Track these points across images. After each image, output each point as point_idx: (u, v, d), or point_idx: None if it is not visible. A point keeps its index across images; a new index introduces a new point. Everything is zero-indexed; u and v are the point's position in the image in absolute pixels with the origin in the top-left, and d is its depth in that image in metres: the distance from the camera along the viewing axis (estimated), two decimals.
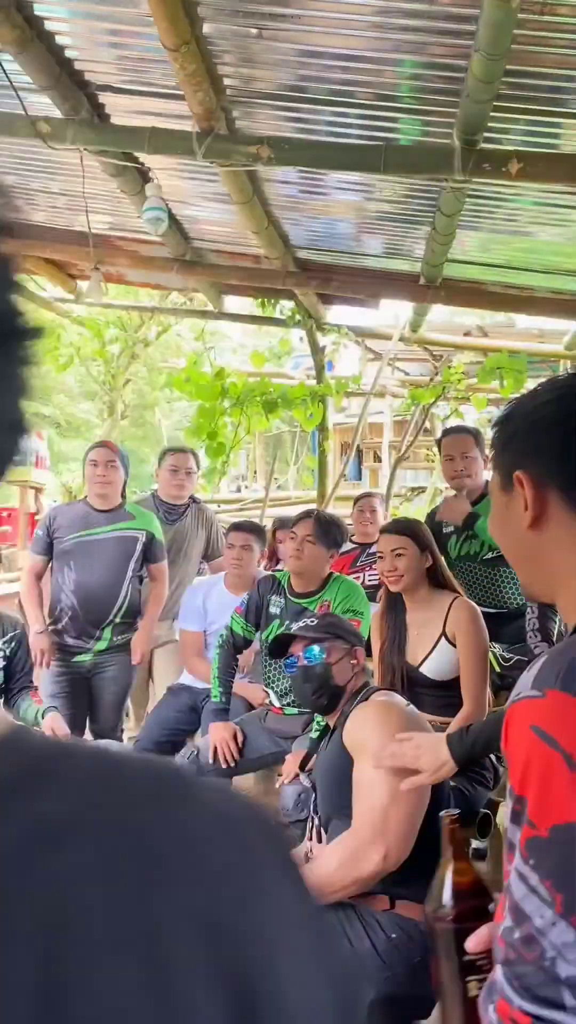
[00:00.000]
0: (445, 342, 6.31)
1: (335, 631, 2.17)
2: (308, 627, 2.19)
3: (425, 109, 2.92)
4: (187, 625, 3.73)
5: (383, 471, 11.18)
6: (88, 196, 4.05)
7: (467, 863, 1.13)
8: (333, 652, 2.11)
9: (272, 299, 5.72)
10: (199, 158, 3.03)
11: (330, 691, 2.09)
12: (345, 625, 2.22)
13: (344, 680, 2.09)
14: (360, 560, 4.64)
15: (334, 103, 2.97)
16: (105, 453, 3.68)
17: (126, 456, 3.79)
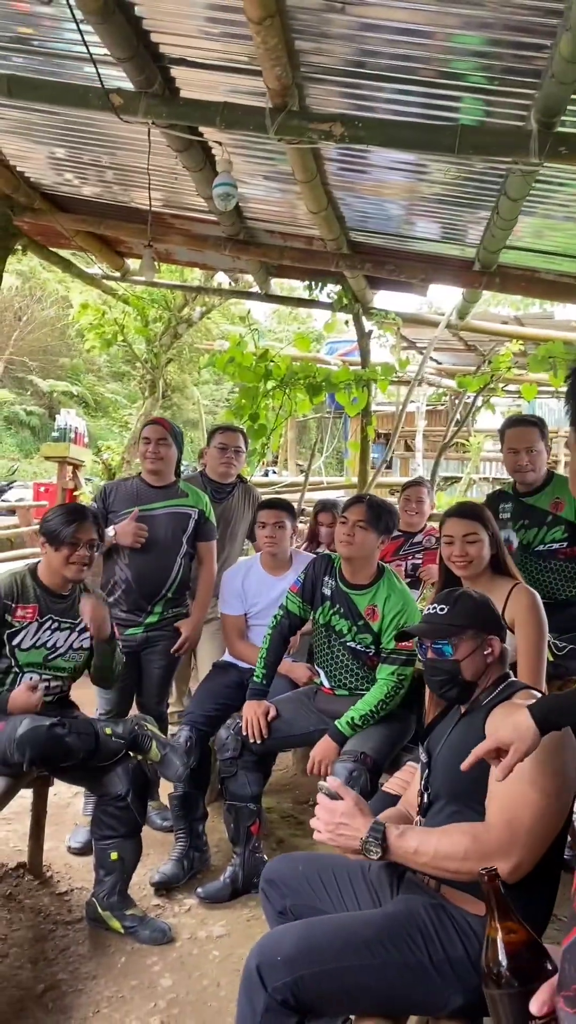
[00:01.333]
0: (496, 330, 6.26)
1: (467, 620, 2.01)
2: (437, 616, 2.05)
3: (499, 90, 2.88)
4: (228, 609, 3.75)
5: (415, 460, 11.15)
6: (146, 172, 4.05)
7: (516, 921, 1.08)
8: (463, 646, 1.98)
9: (320, 282, 5.70)
10: (271, 134, 3.02)
11: (460, 685, 1.98)
12: (480, 610, 2.05)
13: (476, 674, 1.98)
14: (404, 549, 4.63)
15: (408, 81, 2.94)
16: (158, 430, 3.70)
17: (180, 434, 3.81)
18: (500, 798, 1.72)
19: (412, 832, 1.75)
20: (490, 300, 10.92)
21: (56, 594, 3.03)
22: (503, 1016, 1.04)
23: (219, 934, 2.94)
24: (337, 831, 1.76)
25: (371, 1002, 1.75)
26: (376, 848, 1.72)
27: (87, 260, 6.77)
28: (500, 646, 2.01)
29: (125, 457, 7.75)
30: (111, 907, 2.88)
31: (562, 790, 1.69)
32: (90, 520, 3.00)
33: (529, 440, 3.48)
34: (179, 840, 3.34)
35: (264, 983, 1.69)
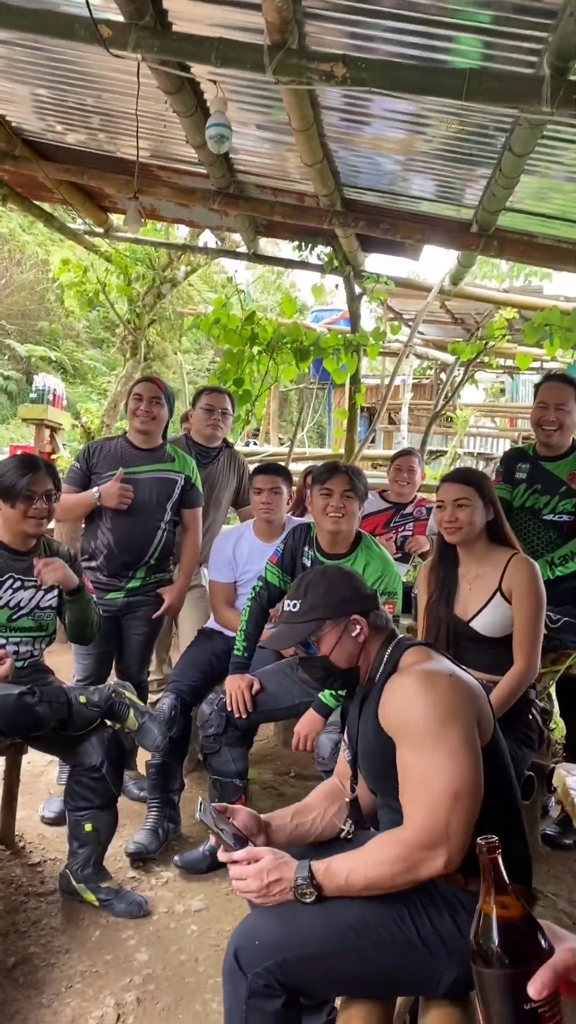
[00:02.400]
0: (493, 298, 6.12)
1: (322, 611, 1.86)
2: (291, 615, 1.91)
3: (510, 31, 2.72)
4: (217, 576, 3.63)
5: (399, 433, 11.04)
6: (134, 118, 3.87)
7: (510, 895, 0.98)
8: (325, 640, 1.86)
9: (310, 243, 5.53)
10: (269, 74, 2.84)
11: (339, 675, 1.88)
12: (330, 594, 1.88)
13: (350, 660, 1.86)
14: (394, 520, 4.52)
15: (414, 19, 2.77)
16: (151, 388, 3.54)
17: (172, 395, 3.65)
18: (409, 792, 1.62)
19: (336, 863, 1.63)
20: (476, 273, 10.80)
21: (16, 551, 2.89)
22: (491, 997, 0.95)
23: (197, 908, 2.85)
24: (270, 892, 1.63)
25: (361, 985, 1.66)
26: (309, 888, 1.60)
27: (70, 216, 6.56)
28: (366, 621, 1.87)
29: (105, 421, 7.55)
30: (85, 879, 2.78)
31: (471, 761, 1.59)
32: (43, 470, 2.86)
33: (561, 397, 3.37)
34: (152, 809, 3.25)
35: (243, 969, 1.60)
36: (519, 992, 0.93)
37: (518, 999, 0.93)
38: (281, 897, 1.63)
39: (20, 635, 2.90)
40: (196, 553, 3.72)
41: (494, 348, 5.90)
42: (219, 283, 15.67)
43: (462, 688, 1.69)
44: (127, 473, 3.46)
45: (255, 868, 1.64)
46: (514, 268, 10.11)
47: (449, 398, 6.63)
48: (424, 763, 1.60)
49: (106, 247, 7.01)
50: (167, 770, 3.27)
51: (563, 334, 4.75)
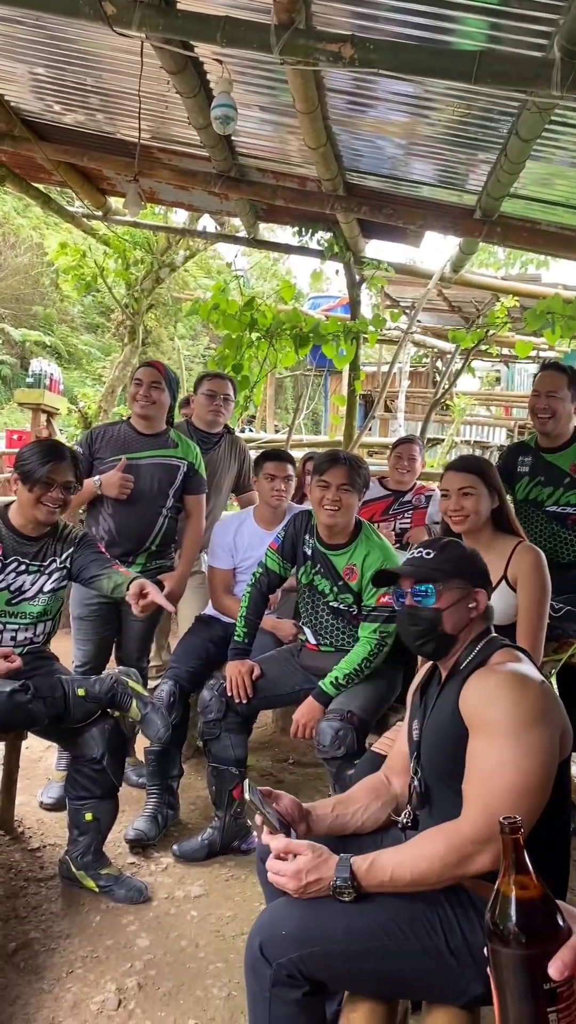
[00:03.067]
0: (494, 285, 6.09)
1: (454, 568, 1.82)
2: (422, 560, 1.86)
3: (520, 13, 2.68)
4: (217, 563, 3.62)
5: (396, 421, 11.02)
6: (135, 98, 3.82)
7: (530, 875, 0.97)
8: (447, 594, 1.79)
9: (310, 228, 5.48)
10: (276, 54, 2.80)
11: (438, 638, 1.79)
12: (468, 560, 1.86)
13: (457, 628, 1.79)
14: (393, 508, 4.50)
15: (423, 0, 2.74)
16: (152, 373, 3.51)
17: (175, 380, 3.62)
18: (475, 782, 1.59)
19: (381, 859, 1.60)
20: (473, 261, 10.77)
21: (25, 536, 2.86)
22: (508, 976, 0.95)
23: (197, 894, 2.85)
24: (307, 891, 1.60)
25: (381, 986, 1.64)
26: (348, 890, 1.57)
27: (68, 199, 6.49)
28: (486, 601, 1.84)
29: (102, 406, 7.51)
30: (85, 867, 2.77)
31: (543, 765, 1.55)
32: (67, 460, 2.82)
33: (552, 385, 3.36)
34: (151, 796, 3.24)
35: (268, 959, 1.58)
36: (537, 972, 0.93)
37: (536, 979, 0.93)
38: (318, 894, 1.60)
39: (19, 621, 2.87)
40: (198, 539, 3.70)
41: (494, 336, 5.86)
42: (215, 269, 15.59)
43: (552, 696, 1.65)
44: (130, 459, 3.43)
45: (293, 867, 1.60)
46: (511, 256, 10.06)
47: (448, 387, 6.59)
48: (497, 756, 1.56)
49: (104, 230, 6.95)
50: (166, 757, 3.26)
51: (565, 322, 4.73)
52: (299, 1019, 1.59)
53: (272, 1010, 1.58)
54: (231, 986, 2.36)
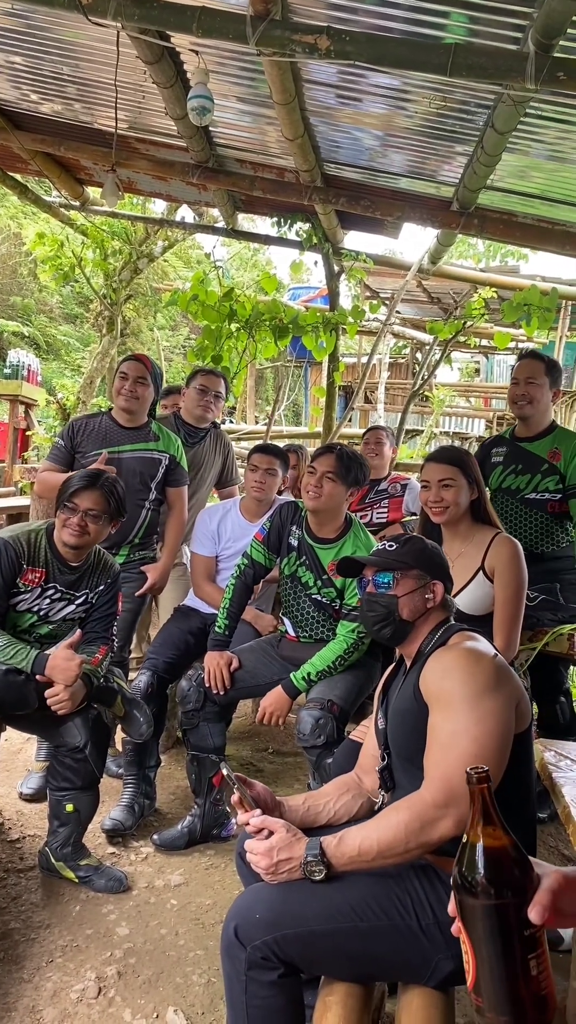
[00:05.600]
0: (472, 277, 6.11)
1: (414, 560, 1.92)
2: (385, 552, 1.97)
3: (496, 6, 2.70)
4: (199, 549, 3.63)
5: (376, 412, 11.04)
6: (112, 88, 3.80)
7: (499, 827, 0.98)
8: (404, 583, 1.89)
9: (289, 219, 5.48)
10: (252, 44, 2.80)
11: (394, 624, 1.87)
12: (427, 554, 1.96)
13: (414, 615, 1.88)
14: (369, 497, 4.53)
15: None
16: (138, 368, 3.51)
17: (160, 374, 3.61)
18: (433, 751, 1.64)
19: (349, 834, 1.64)
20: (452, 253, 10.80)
21: (67, 564, 2.83)
22: (488, 928, 0.94)
23: (177, 883, 2.87)
24: (279, 869, 1.64)
25: (354, 966, 1.66)
26: (319, 866, 1.61)
27: (45, 188, 6.45)
28: (443, 593, 1.92)
29: (80, 397, 7.48)
30: (65, 858, 2.78)
31: (497, 732, 1.60)
32: (100, 490, 2.78)
33: (529, 371, 3.41)
34: (128, 785, 3.26)
35: (242, 942, 1.61)
36: (515, 920, 0.93)
37: (515, 927, 0.93)
38: (289, 876, 1.63)
39: (26, 639, 2.81)
40: (181, 531, 3.71)
41: (472, 328, 5.89)
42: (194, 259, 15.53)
43: (504, 669, 1.71)
44: (111, 452, 3.43)
45: (266, 845, 1.65)
46: (490, 248, 10.09)
47: (427, 378, 6.61)
48: (452, 726, 1.61)
49: (82, 221, 6.91)
50: (144, 747, 3.27)
51: (541, 314, 4.76)
52: (276, 1000, 1.62)
53: (248, 992, 1.61)
54: (211, 973, 2.39)
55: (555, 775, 2.18)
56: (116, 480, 2.90)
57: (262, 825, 1.67)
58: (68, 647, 2.64)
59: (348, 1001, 1.64)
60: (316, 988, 1.87)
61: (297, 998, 1.68)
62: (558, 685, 3.51)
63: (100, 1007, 2.24)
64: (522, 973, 0.92)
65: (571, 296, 5.87)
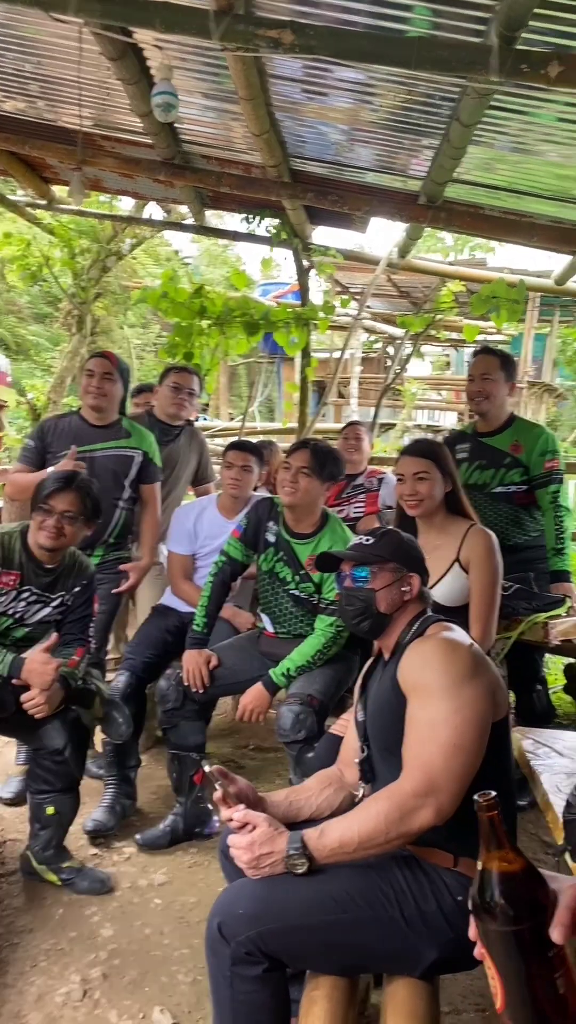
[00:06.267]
0: (441, 270, 6.13)
1: (391, 554, 1.93)
2: (361, 546, 1.97)
3: None
4: (176, 547, 3.62)
5: (349, 407, 11.06)
6: (76, 85, 3.77)
7: (511, 851, 0.98)
8: (381, 577, 1.90)
9: (258, 215, 5.46)
10: (215, 39, 2.79)
11: (372, 618, 1.88)
12: (404, 547, 1.97)
13: (391, 608, 1.89)
14: (346, 492, 4.53)
15: None
16: (103, 364, 3.48)
17: (127, 369, 3.59)
18: (412, 741, 1.65)
19: (330, 826, 1.65)
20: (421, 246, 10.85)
21: (41, 565, 2.80)
22: (511, 953, 0.94)
23: (160, 882, 2.86)
24: (260, 863, 1.64)
25: (339, 958, 1.67)
26: (300, 859, 1.61)
27: (11, 187, 6.38)
28: (420, 586, 1.94)
29: (51, 398, 7.42)
30: (47, 861, 2.77)
31: (475, 720, 1.62)
32: (75, 492, 2.75)
33: (484, 368, 3.45)
34: (109, 786, 3.25)
35: (226, 938, 1.61)
36: (539, 941, 0.93)
37: (539, 950, 0.93)
38: (271, 870, 1.64)
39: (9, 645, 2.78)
40: (156, 529, 3.69)
41: (442, 321, 5.91)
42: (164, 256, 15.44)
43: (480, 658, 1.73)
44: (84, 452, 3.41)
45: (247, 839, 1.65)
46: (459, 241, 10.17)
47: (399, 372, 6.63)
48: (430, 715, 1.63)
49: (49, 219, 6.85)
50: (123, 747, 3.26)
51: (509, 306, 4.79)
52: (261, 994, 1.62)
53: (234, 988, 1.61)
54: (196, 971, 2.38)
55: (533, 763, 2.21)
56: (91, 481, 2.89)
57: (245, 820, 1.67)
58: (44, 651, 2.62)
59: (334, 994, 1.65)
60: (302, 983, 1.87)
61: (282, 992, 1.68)
62: (534, 673, 3.55)
63: (86, 1009, 2.24)
64: (550, 994, 0.93)
65: (539, 288, 5.91)
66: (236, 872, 1.79)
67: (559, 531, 3.41)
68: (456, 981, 2.33)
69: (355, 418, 9.66)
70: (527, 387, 11.93)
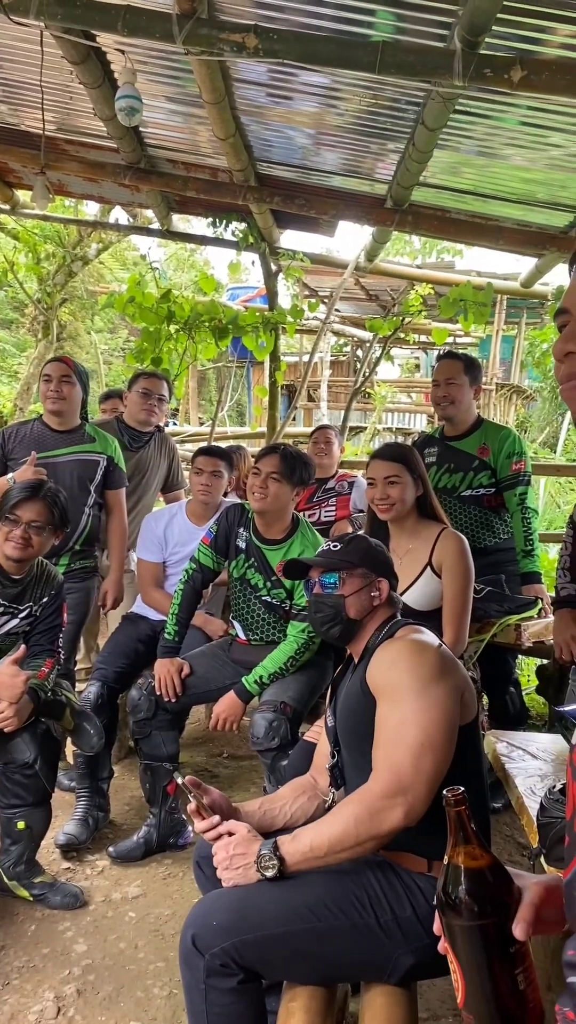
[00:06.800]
0: (408, 273, 6.15)
1: (359, 559, 1.92)
2: (329, 552, 1.97)
3: (421, 4, 2.72)
4: (146, 555, 3.58)
5: (319, 411, 11.07)
6: (38, 89, 3.72)
7: (478, 847, 0.99)
8: (350, 583, 1.89)
9: (224, 220, 5.45)
10: (179, 43, 2.77)
11: (342, 624, 1.88)
12: (372, 553, 1.96)
13: (361, 613, 1.88)
14: (316, 496, 4.54)
15: None
16: (60, 368, 3.44)
17: (85, 373, 3.56)
18: (381, 742, 1.64)
19: (302, 831, 1.65)
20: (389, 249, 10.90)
21: (7, 576, 2.75)
22: (474, 948, 0.95)
23: (134, 895, 2.83)
24: (233, 864, 1.64)
25: (315, 967, 1.65)
26: (271, 860, 1.60)
27: None
28: (388, 590, 1.93)
29: (17, 404, 7.34)
30: (18, 876, 2.72)
31: (444, 720, 1.62)
32: (43, 501, 2.72)
33: (448, 372, 3.46)
34: (81, 799, 3.20)
35: (200, 950, 1.59)
36: (501, 938, 0.94)
37: (501, 945, 0.94)
38: (244, 872, 1.64)
39: None
40: (124, 535, 3.66)
41: (410, 324, 5.93)
42: (131, 261, 15.36)
43: (448, 659, 1.73)
44: (46, 457, 3.36)
45: (223, 842, 1.67)
46: (427, 244, 10.20)
47: (368, 375, 6.64)
48: (399, 716, 1.62)
49: (13, 224, 6.78)
50: (95, 759, 3.21)
51: (476, 309, 4.82)
52: (236, 1006, 1.60)
53: (208, 1000, 1.59)
54: (172, 984, 2.36)
55: (507, 766, 2.21)
56: (59, 490, 2.85)
57: (228, 829, 1.68)
58: (13, 663, 2.57)
59: (311, 1005, 1.63)
60: (279, 994, 1.86)
61: (258, 1004, 1.66)
62: (507, 675, 3.56)
63: None
64: (510, 989, 0.94)
65: (506, 291, 5.95)
66: (210, 883, 1.77)
67: (528, 533, 3.43)
68: (434, 987, 2.32)
69: (325, 422, 9.68)
70: (496, 389, 12.04)
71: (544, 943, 1.83)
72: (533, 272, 5.19)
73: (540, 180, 4.05)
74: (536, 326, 12.04)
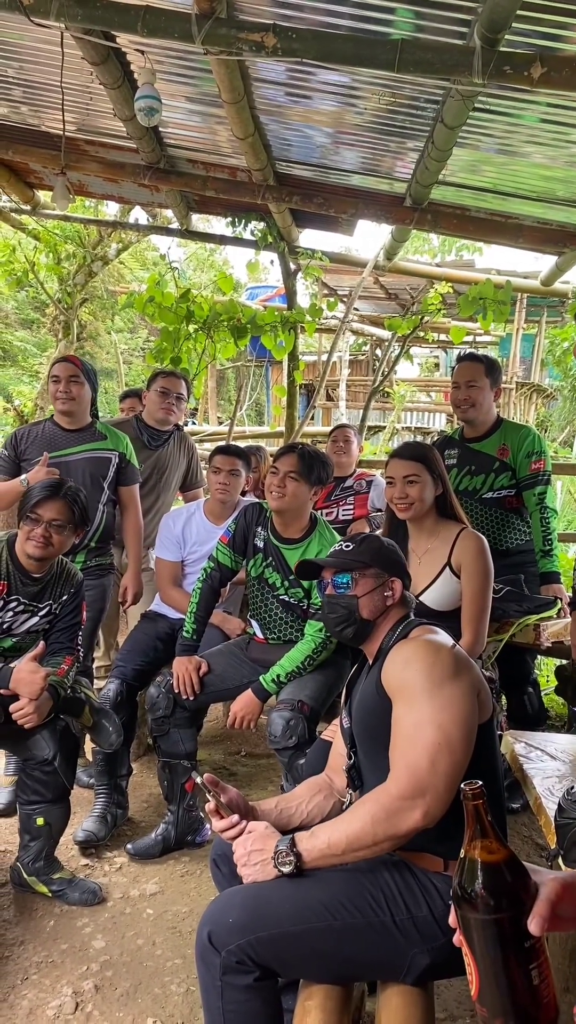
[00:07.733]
0: (428, 272, 6.12)
1: (369, 560, 1.92)
2: (342, 552, 1.97)
3: (438, 1, 2.70)
4: (164, 554, 3.59)
5: (338, 410, 11.06)
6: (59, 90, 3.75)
7: (495, 840, 0.99)
8: (363, 583, 1.89)
9: (243, 219, 5.45)
10: (198, 43, 2.78)
11: (356, 624, 1.88)
12: (384, 552, 1.96)
13: (374, 614, 1.88)
14: (335, 494, 4.53)
15: None
16: (68, 368, 3.46)
17: (93, 371, 3.57)
18: (398, 743, 1.64)
19: (319, 828, 1.66)
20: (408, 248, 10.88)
21: (28, 575, 2.77)
22: (490, 942, 0.95)
23: (152, 892, 2.84)
24: (251, 860, 1.65)
25: (330, 966, 1.65)
26: (288, 856, 1.61)
27: None
28: (402, 590, 1.93)
29: (38, 403, 7.39)
30: (37, 872, 2.74)
31: (460, 719, 1.61)
32: (63, 499, 2.73)
33: (469, 375, 3.44)
34: (100, 796, 3.22)
35: (216, 947, 1.59)
36: (516, 932, 0.94)
37: (517, 939, 0.94)
38: (262, 868, 1.64)
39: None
40: (139, 532, 3.67)
41: (429, 323, 5.91)
42: (151, 261, 15.42)
43: (463, 658, 1.73)
44: (59, 456, 3.38)
45: (243, 837, 1.68)
46: (446, 243, 10.17)
47: (387, 374, 6.63)
48: (415, 716, 1.62)
49: (34, 225, 6.82)
50: (114, 756, 3.24)
51: (496, 308, 4.80)
52: (252, 1003, 1.61)
53: (225, 998, 1.59)
54: (189, 982, 2.37)
55: (526, 767, 2.19)
56: (79, 489, 2.86)
57: (249, 829, 1.70)
58: (32, 660, 2.59)
59: (327, 1003, 1.64)
60: (295, 992, 1.86)
61: (274, 1001, 1.67)
62: (526, 676, 3.54)
63: (78, 1023, 2.21)
64: (524, 983, 0.94)
65: (525, 289, 5.91)
66: (227, 881, 1.77)
67: (546, 532, 3.41)
68: (451, 987, 2.31)
69: (344, 421, 9.67)
70: (516, 388, 11.97)
71: (563, 944, 1.82)
72: (553, 270, 5.16)
73: (560, 177, 4.03)
74: (556, 324, 11.96)
